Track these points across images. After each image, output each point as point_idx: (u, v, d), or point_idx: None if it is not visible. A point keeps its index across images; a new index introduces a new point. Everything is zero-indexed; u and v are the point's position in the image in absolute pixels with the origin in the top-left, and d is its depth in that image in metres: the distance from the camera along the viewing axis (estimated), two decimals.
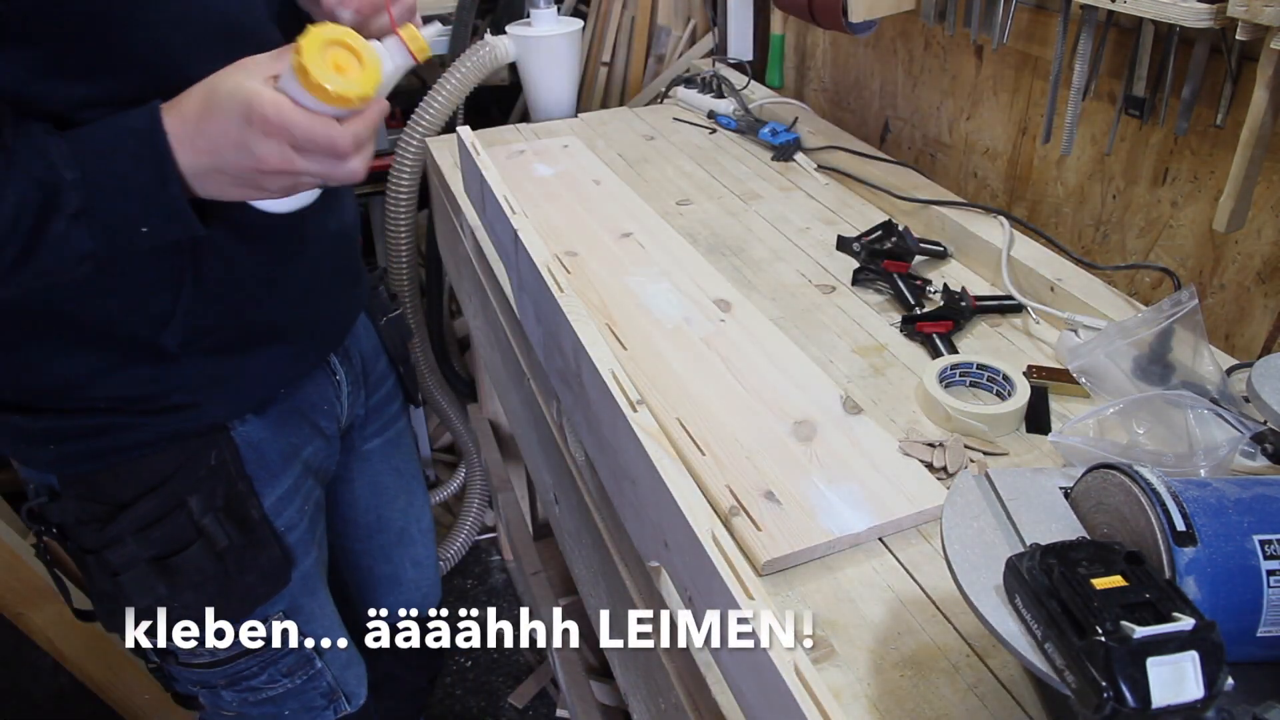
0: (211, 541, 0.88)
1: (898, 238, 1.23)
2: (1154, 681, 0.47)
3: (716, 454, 0.90)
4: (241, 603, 0.94)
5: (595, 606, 1.10)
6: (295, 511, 0.98)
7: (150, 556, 0.86)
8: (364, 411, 1.14)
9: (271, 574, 0.95)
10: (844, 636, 0.73)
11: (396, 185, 1.91)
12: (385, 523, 1.26)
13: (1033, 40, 1.30)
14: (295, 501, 0.98)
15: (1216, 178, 1.13)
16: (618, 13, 2.14)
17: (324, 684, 1.10)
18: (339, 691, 1.12)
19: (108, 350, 0.81)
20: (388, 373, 1.19)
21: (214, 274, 0.82)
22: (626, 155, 1.68)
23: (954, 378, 1.01)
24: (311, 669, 1.06)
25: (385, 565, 1.29)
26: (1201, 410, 0.84)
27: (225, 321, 0.86)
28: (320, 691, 1.10)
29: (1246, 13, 0.91)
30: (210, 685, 1.01)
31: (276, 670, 1.03)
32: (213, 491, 0.88)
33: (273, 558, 0.95)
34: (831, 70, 1.92)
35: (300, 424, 0.98)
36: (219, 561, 0.90)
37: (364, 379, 1.12)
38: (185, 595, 0.89)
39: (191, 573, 0.88)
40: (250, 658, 0.99)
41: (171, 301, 0.81)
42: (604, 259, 1.26)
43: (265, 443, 0.93)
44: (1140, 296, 1.22)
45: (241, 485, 0.90)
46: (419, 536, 1.32)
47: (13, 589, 1.44)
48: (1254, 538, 0.56)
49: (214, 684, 1.01)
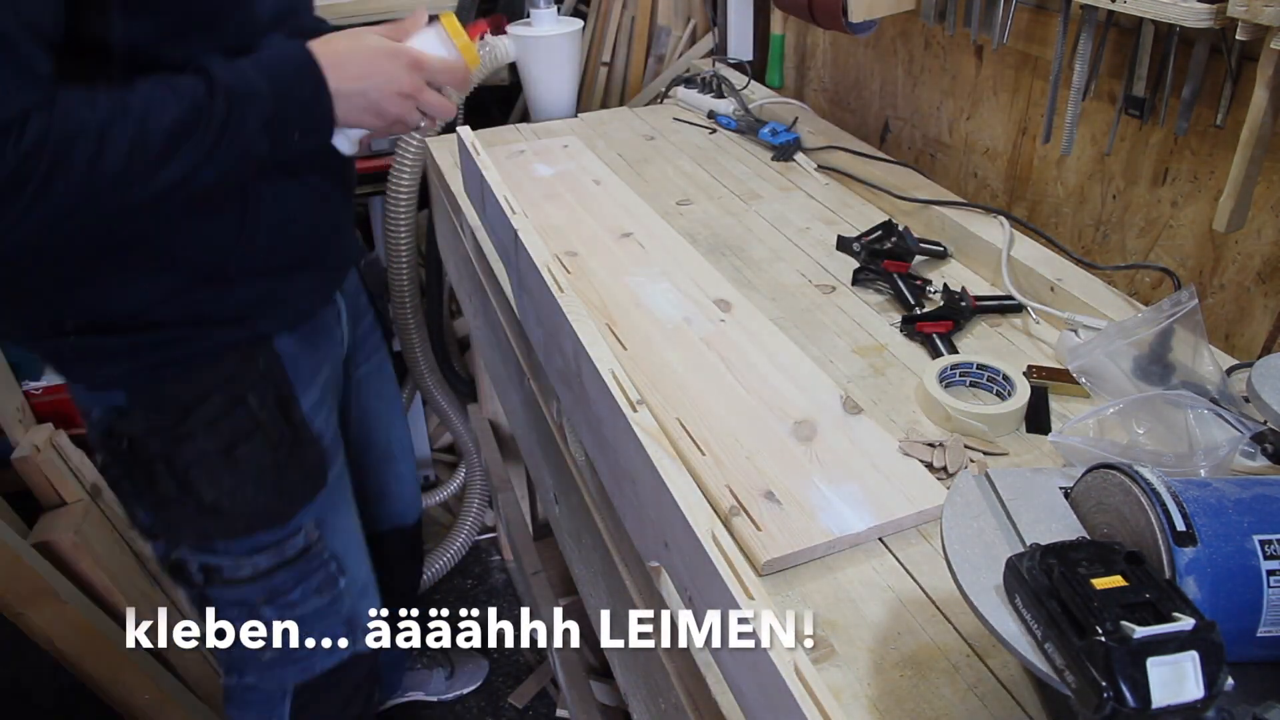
0: (268, 434, 1.01)
1: (898, 238, 1.23)
2: (1154, 681, 0.47)
3: (716, 454, 0.90)
4: (290, 501, 1.07)
5: (595, 606, 1.10)
6: (323, 420, 1.11)
7: (219, 449, 0.99)
8: (353, 340, 1.27)
9: (312, 472, 1.08)
10: (844, 636, 0.73)
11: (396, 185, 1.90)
12: (371, 442, 1.38)
13: (1033, 40, 1.30)
14: (323, 411, 1.11)
15: (1216, 178, 1.13)
16: (618, 13, 2.14)
17: (344, 608, 1.18)
18: (356, 622, 1.21)
19: (178, 275, 0.94)
20: (368, 308, 1.33)
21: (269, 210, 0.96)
22: (626, 155, 1.68)
23: (954, 378, 1.01)
24: (335, 588, 1.15)
25: (373, 481, 1.40)
26: (1201, 410, 0.84)
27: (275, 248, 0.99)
28: (341, 618, 1.18)
29: (1246, 13, 0.91)
30: (250, 604, 1.09)
31: (308, 586, 1.12)
32: (265, 392, 1.01)
33: (315, 455, 1.08)
34: (831, 70, 1.92)
35: (321, 343, 1.12)
36: (274, 453, 1.03)
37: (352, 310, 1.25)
38: (247, 487, 1.02)
39: (252, 462, 1.01)
40: (286, 570, 1.09)
41: (234, 233, 0.95)
42: (604, 259, 1.26)
43: (299, 356, 1.06)
44: (1140, 296, 1.22)
45: (285, 386, 1.04)
46: (400, 455, 1.47)
47: (13, 589, 1.44)
48: (1254, 538, 0.56)
49: (253, 602, 1.09)
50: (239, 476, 1.00)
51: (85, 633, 1.52)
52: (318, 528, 1.11)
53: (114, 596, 1.59)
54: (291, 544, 1.08)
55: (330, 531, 1.13)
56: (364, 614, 1.22)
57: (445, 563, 2.20)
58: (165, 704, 1.65)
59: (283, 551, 1.08)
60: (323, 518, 1.12)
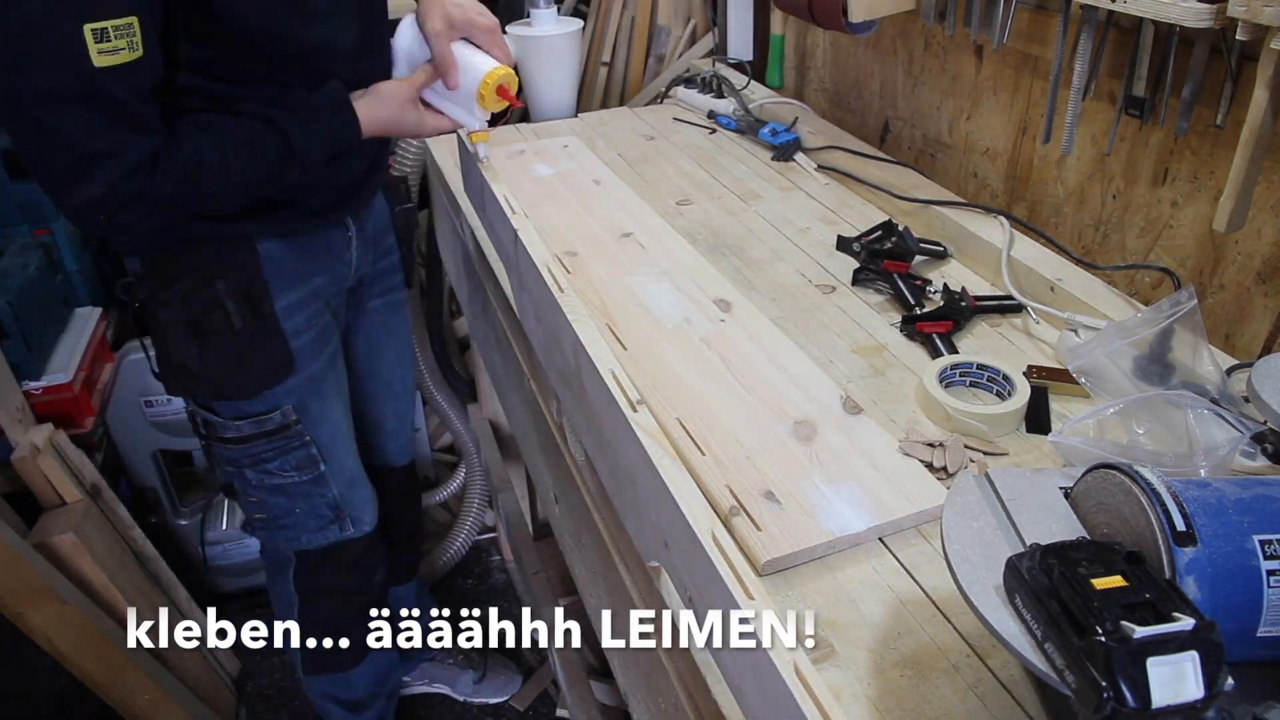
0: (229, 316, 1.16)
1: (898, 238, 1.23)
2: (1154, 681, 0.47)
3: (716, 454, 0.90)
4: (251, 378, 1.21)
5: (595, 606, 1.10)
6: (303, 320, 1.24)
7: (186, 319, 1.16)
8: (371, 271, 1.39)
9: (277, 362, 1.22)
10: (844, 636, 0.73)
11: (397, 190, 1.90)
12: (374, 372, 1.51)
13: (1033, 40, 1.30)
14: (303, 313, 1.24)
15: (1216, 178, 1.13)
16: (618, 13, 2.14)
17: (330, 494, 1.35)
18: (344, 510, 1.38)
19: None
20: (393, 249, 1.45)
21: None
22: (626, 155, 1.68)
23: (954, 378, 1.01)
24: (316, 470, 1.32)
25: (371, 411, 1.54)
26: (1201, 410, 0.84)
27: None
28: (326, 501, 1.36)
29: (1246, 13, 0.91)
30: (237, 464, 1.29)
31: (286, 461, 1.29)
32: (235, 280, 1.16)
33: (280, 348, 1.22)
34: (831, 70, 1.92)
35: (315, 255, 1.24)
36: (234, 335, 1.17)
37: (373, 243, 1.37)
38: (209, 357, 1.18)
39: (213, 337, 1.17)
40: (266, 441, 1.26)
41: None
42: (604, 259, 1.26)
43: (283, 260, 1.20)
44: (1140, 296, 1.22)
45: (258, 284, 1.18)
46: (402, 393, 1.60)
47: (13, 589, 1.44)
48: (1254, 538, 0.56)
49: (240, 462, 1.29)
50: (203, 347, 1.17)
51: (85, 633, 1.52)
52: (296, 412, 1.26)
53: (114, 596, 1.59)
54: (269, 419, 1.25)
55: (311, 420, 1.29)
56: (353, 503, 1.39)
57: (445, 563, 2.20)
58: (165, 704, 1.65)
59: (261, 424, 1.25)
60: (303, 405, 1.27)
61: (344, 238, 1.30)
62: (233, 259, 1.17)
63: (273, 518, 1.36)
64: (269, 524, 1.37)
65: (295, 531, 1.38)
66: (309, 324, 1.25)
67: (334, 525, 1.39)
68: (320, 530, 1.38)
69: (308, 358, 1.26)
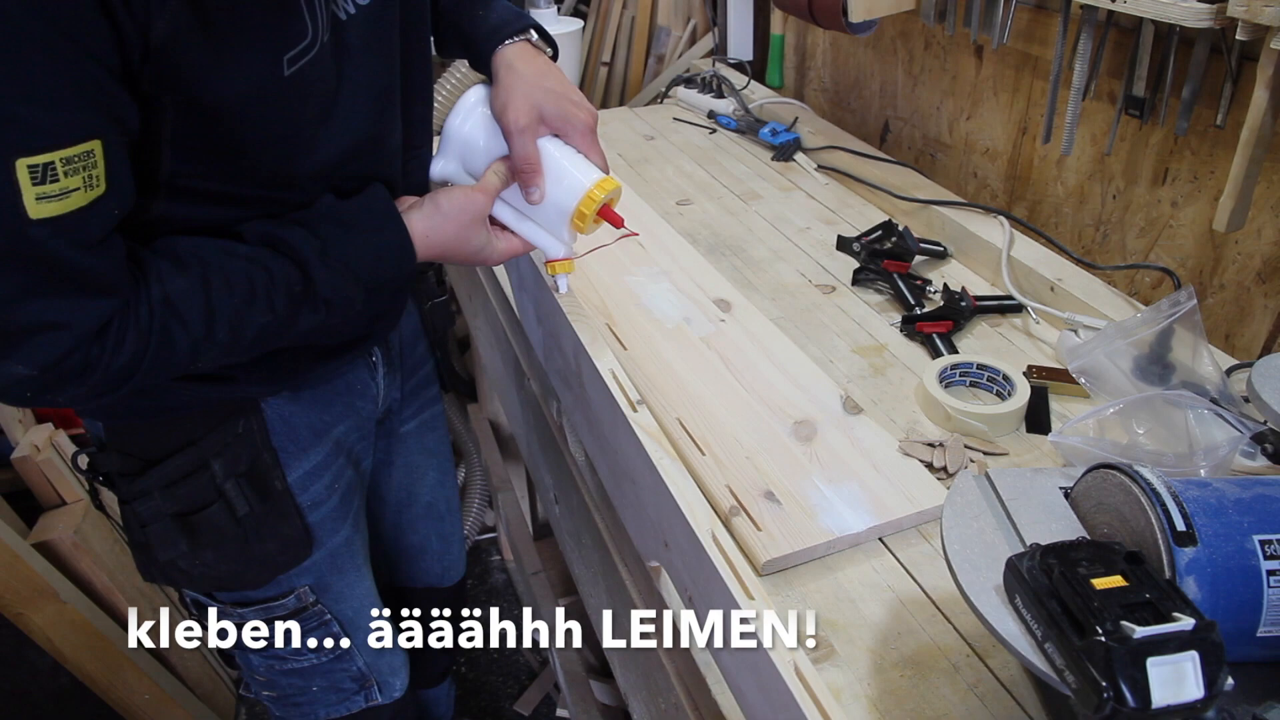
0: (230, 505, 0.92)
1: (898, 238, 1.23)
2: (1154, 681, 0.47)
3: (716, 454, 0.90)
4: (261, 569, 0.98)
5: (595, 606, 1.10)
6: (323, 488, 1.00)
7: (173, 512, 0.91)
8: (400, 395, 1.15)
9: (292, 545, 0.98)
10: (844, 636, 0.73)
11: None
12: (414, 498, 1.28)
13: (1033, 40, 1.30)
14: (324, 478, 1.00)
15: (1216, 178, 1.13)
16: (618, 13, 2.14)
17: (354, 667, 1.12)
18: (370, 678, 1.15)
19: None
20: (426, 357, 1.21)
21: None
22: (626, 155, 1.68)
23: (954, 378, 1.01)
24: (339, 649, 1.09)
25: (412, 536, 1.32)
26: (1201, 410, 0.84)
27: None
28: (350, 674, 1.13)
29: (1246, 13, 0.91)
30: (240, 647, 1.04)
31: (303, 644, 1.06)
32: (237, 458, 0.92)
33: (294, 529, 0.98)
34: (831, 70, 1.92)
35: (333, 402, 1.00)
36: (238, 525, 0.93)
37: (400, 362, 1.13)
38: (205, 554, 0.93)
39: (210, 532, 0.92)
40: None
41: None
42: (604, 259, 1.26)
43: (295, 416, 0.96)
44: (1140, 296, 1.22)
45: (266, 455, 0.94)
46: (446, 514, 1.35)
47: (13, 589, 1.44)
48: (1254, 538, 0.56)
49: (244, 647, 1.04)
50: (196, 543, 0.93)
51: (85, 633, 1.52)
52: (314, 592, 1.03)
53: (114, 596, 1.59)
54: (280, 604, 1.02)
55: (333, 597, 1.06)
56: (382, 670, 1.16)
57: None
58: (165, 704, 1.65)
59: (270, 610, 1.01)
60: (323, 582, 1.04)
61: (368, 366, 1.04)
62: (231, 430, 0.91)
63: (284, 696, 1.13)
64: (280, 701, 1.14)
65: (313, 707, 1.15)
66: (329, 490, 1.02)
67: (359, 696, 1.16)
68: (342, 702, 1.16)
69: (328, 530, 1.02)
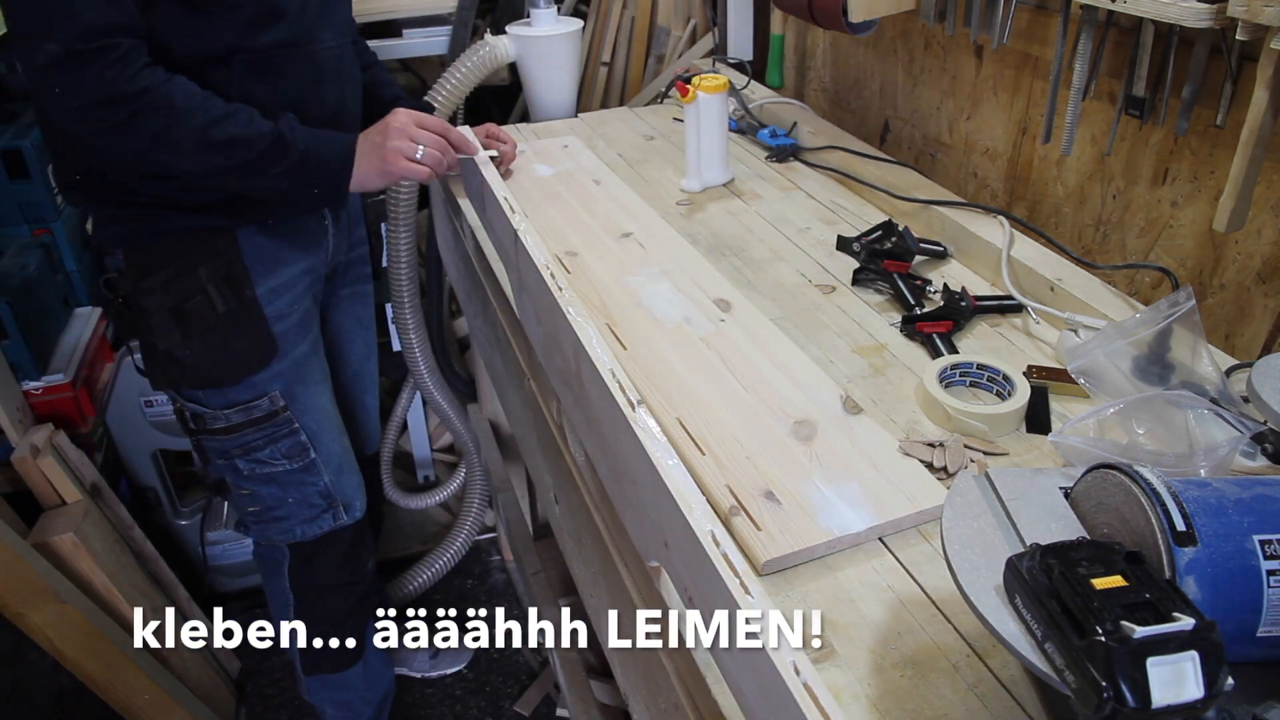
0: (212, 300, 1.20)
1: (898, 238, 1.23)
2: (1154, 681, 0.47)
3: (716, 454, 0.90)
4: (238, 365, 1.25)
5: (595, 606, 1.10)
6: (285, 304, 1.28)
7: (169, 306, 1.19)
8: (345, 259, 1.46)
9: (261, 345, 1.25)
10: (844, 636, 0.73)
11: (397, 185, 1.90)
12: (345, 360, 1.57)
13: (1033, 40, 1.30)
14: (286, 296, 1.28)
15: (1216, 178, 1.13)
16: (618, 13, 2.14)
17: (321, 482, 1.38)
18: (335, 497, 1.41)
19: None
20: (363, 240, 1.52)
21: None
22: (626, 155, 1.68)
23: (954, 378, 1.01)
24: (306, 456, 1.35)
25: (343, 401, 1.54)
26: (1201, 410, 0.84)
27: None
28: (318, 490, 1.39)
29: (1246, 13, 0.91)
30: (228, 455, 1.31)
31: (276, 449, 1.32)
32: (216, 267, 1.21)
33: (261, 332, 1.25)
34: (831, 70, 1.92)
35: (294, 241, 1.29)
36: (217, 318, 1.21)
37: (347, 232, 1.44)
38: (194, 343, 1.21)
39: (196, 321, 1.20)
40: (255, 429, 1.29)
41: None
42: (604, 259, 1.26)
43: (263, 246, 1.24)
44: (1140, 296, 1.22)
45: (238, 269, 1.22)
46: (369, 386, 1.65)
47: (13, 589, 1.44)
48: (1254, 538, 0.56)
49: (230, 453, 1.31)
50: (187, 332, 1.20)
51: (85, 633, 1.52)
52: (284, 398, 1.29)
53: (114, 596, 1.59)
54: (257, 405, 1.28)
55: (299, 407, 1.32)
56: (343, 489, 1.42)
57: (445, 563, 2.20)
58: (165, 704, 1.65)
59: (249, 411, 1.28)
60: (290, 391, 1.30)
61: (321, 226, 1.34)
62: (213, 246, 1.21)
63: (266, 509, 1.38)
64: (262, 516, 1.39)
65: (290, 523, 1.39)
66: (291, 308, 1.29)
67: (326, 514, 1.41)
68: (314, 520, 1.40)
69: (291, 341, 1.29)
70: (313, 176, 1.16)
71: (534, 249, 0.98)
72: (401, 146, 1.19)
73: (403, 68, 2.43)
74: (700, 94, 1.39)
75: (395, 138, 1.19)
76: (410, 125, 1.20)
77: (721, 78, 1.42)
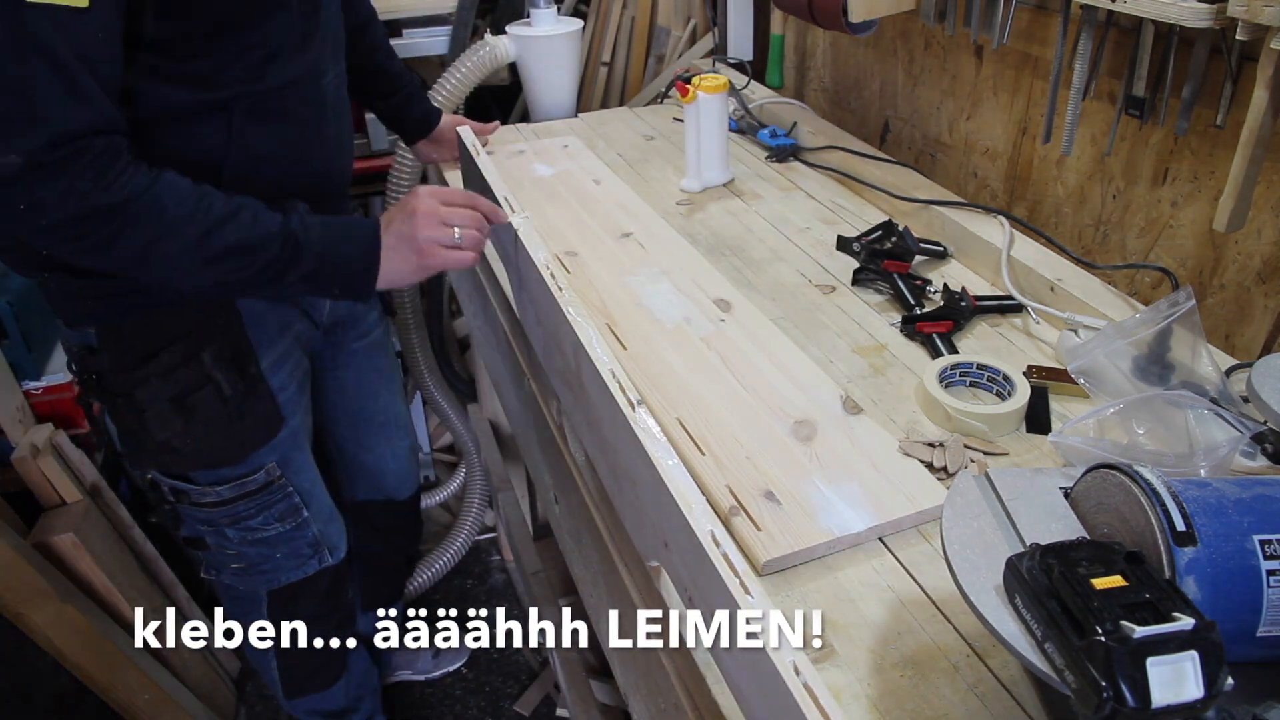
0: (219, 387, 1.09)
1: (898, 238, 1.23)
2: (1154, 681, 0.47)
3: (716, 454, 0.90)
4: (240, 445, 1.15)
5: (595, 606, 1.10)
6: (286, 374, 1.19)
7: (170, 396, 1.07)
8: (347, 312, 1.36)
9: (266, 422, 1.16)
10: (844, 636, 0.73)
11: (397, 185, 1.91)
12: (369, 414, 1.48)
13: (1033, 40, 1.30)
14: (287, 366, 1.19)
15: (1216, 178, 1.13)
16: (618, 13, 2.14)
17: (310, 534, 1.31)
18: (322, 544, 1.34)
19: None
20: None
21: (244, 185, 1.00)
22: (626, 155, 1.68)
23: (954, 378, 1.01)
24: (299, 517, 1.27)
25: (369, 454, 1.52)
26: (1201, 410, 0.84)
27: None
28: (307, 540, 1.31)
29: (1246, 13, 0.91)
30: (215, 524, 1.21)
31: (270, 515, 1.24)
32: (221, 346, 1.09)
33: (268, 408, 1.16)
34: (831, 70, 1.92)
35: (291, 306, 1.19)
36: (224, 405, 1.10)
37: None
38: (196, 430, 1.10)
39: (202, 411, 1.09)
40: (248, 500, 1.20)
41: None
42: (604, 259, 1.26)
43: (264, 314, 1.13)
44: (1140, 296, 1.22)
45: (244, 344, 1.11)
46: (396, 430, 1.55)
47: (13, 589, 1.44)
48: (1254, 538, 0.56)
49: (218, 523, 1.21)
50: (190, 421, 1.09)
51: (85, 633, 1.52)
52: (280, 466, 1.21)
53: (114, 596, 1.59)
54: (253, 479, 1.18)
55: (293, 470, 1.24)
56: (330, 536, 1.35)
57: (445, 563, 2.20)
58: (165, 704, 1.65)
59: (244, 485, 1.18)
60: (286, 457, 1.21)
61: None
62: (215, 323, 1.08)
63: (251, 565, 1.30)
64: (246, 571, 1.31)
65: (274, 574, 1.32)
66: (292, 376, 1.21)
67: (313, 560, 1.34)
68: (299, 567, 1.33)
69: (291, 410, 1.21)
70: (331, 279, 0.99)
71: (534, 249, 0.98)
72: (436, 236, 1.01)
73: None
74: (700, 94, 1.39)
75: (426, 226, 1.00)
76: (438, 207, 1.02)
77: (721, 78, 1.42)
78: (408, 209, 1.01)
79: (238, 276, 0.92)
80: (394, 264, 1.01)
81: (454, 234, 1.02)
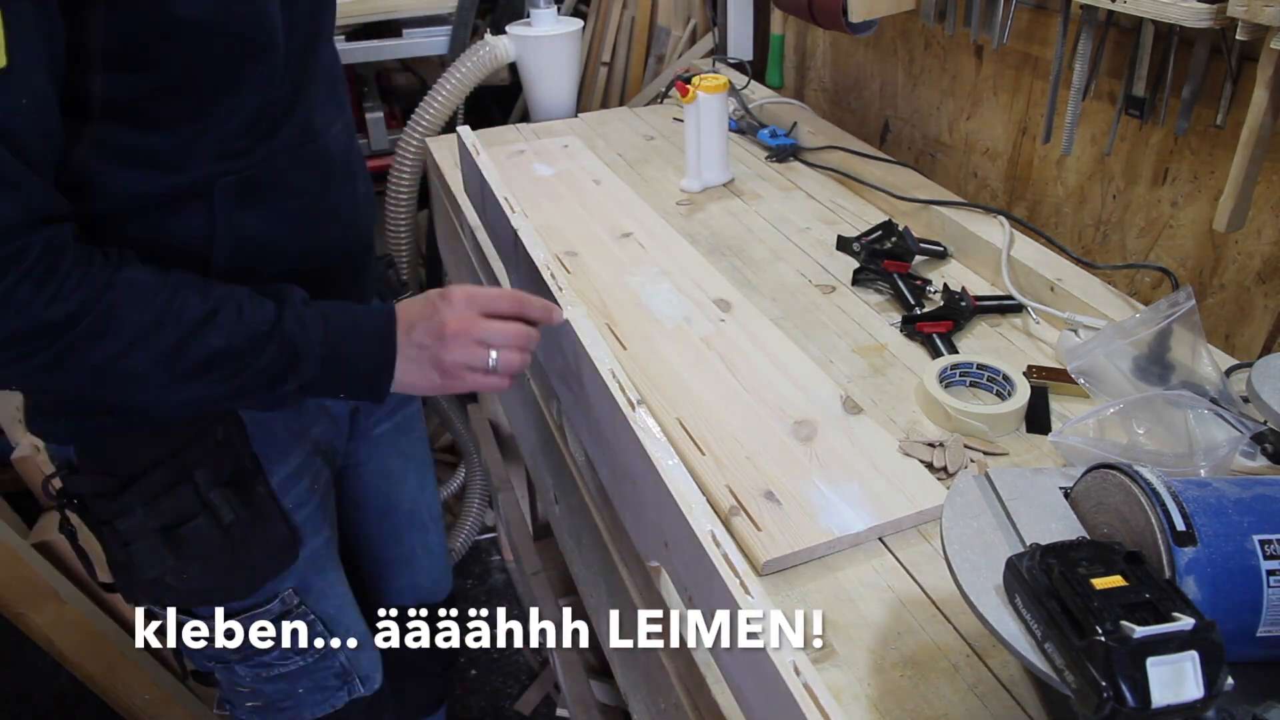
0: (216, 514, 0.90)
1: (898, 238, 1.23)
2: (1154, 681, 0.47)
3: (716, 454, 0.90)
4: (249, 577, 0.96)
5: (595, 606, 1.10)
6: (304, 489, 1.00)
7: (158, 527, 0.88)
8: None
9: (278, 550, 0.97)
10: (844, 636, 0.73)
11: (396, 185, 1.91)
12: (394, 505, 1.26)
13: (1033, 40, 1.30)
14: (304, 480, 0.99)
15: (1216, 178, 1.13)
16: (618, 13, 2.14)
17: (337, 664, 1.11)
18: (352, 673, 1.14)
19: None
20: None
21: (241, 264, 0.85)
22: (626, 155, 1.68)
23: (954, 378, 1.01)
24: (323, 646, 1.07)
25: (396, 548, 1.30)
26: (1201, 410, 0.84)
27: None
28: (334, 671, 1.12)
29: (1246, 13, 0.91)
30: (225, 661, 1.04)
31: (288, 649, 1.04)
32: (219, 466, 0.89)
33: (279, 534, 0.96)
34: (831, 70, 1.92)
35: (306, 405, 0.99)
36: (225, 535, 0.91)
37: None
38: (193, 566, 0.91)
39: (198, 544, 0.90)
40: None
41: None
42: (604, 259, 1.26)
43: (273, 421, 0.94)
44: (1140, 296, 1.22)
45: (248, 462, 0.92)
46: (429, 523, 1.32)
47: (13, 589, 1.44)
48: (1254, 538, 0.56)
49: (228, 660, 1.03)
50: (183, 556, 0.90)
51: (85, 633, 1.52)
52: (297, 594, 1.02)
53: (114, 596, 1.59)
54: (266, 610, 0.99)
55: (315, 596, 1.04)
56: (362, 664, 1.15)
57: None
58: (165, 704, 1.65)
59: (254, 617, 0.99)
60: (305, 584, 1.03)
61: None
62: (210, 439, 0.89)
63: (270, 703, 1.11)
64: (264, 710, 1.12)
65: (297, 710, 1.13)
66: (311, 491, 1.01)
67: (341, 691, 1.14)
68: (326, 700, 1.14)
69: (310, 531, 1.01)
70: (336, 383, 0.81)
71: (534, 249, 0.98)
72: (466, 360, 0.81)
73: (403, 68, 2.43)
74: (700, 94, 1.39)
75: (456, 348, 0.80)
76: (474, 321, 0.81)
77: (721, 78, 1.42)
78: (436, 320, 0.81)
79: (222, 390, 0.75)
80: (411, 375, 0.82)
81: (490, 358, 0.81)
